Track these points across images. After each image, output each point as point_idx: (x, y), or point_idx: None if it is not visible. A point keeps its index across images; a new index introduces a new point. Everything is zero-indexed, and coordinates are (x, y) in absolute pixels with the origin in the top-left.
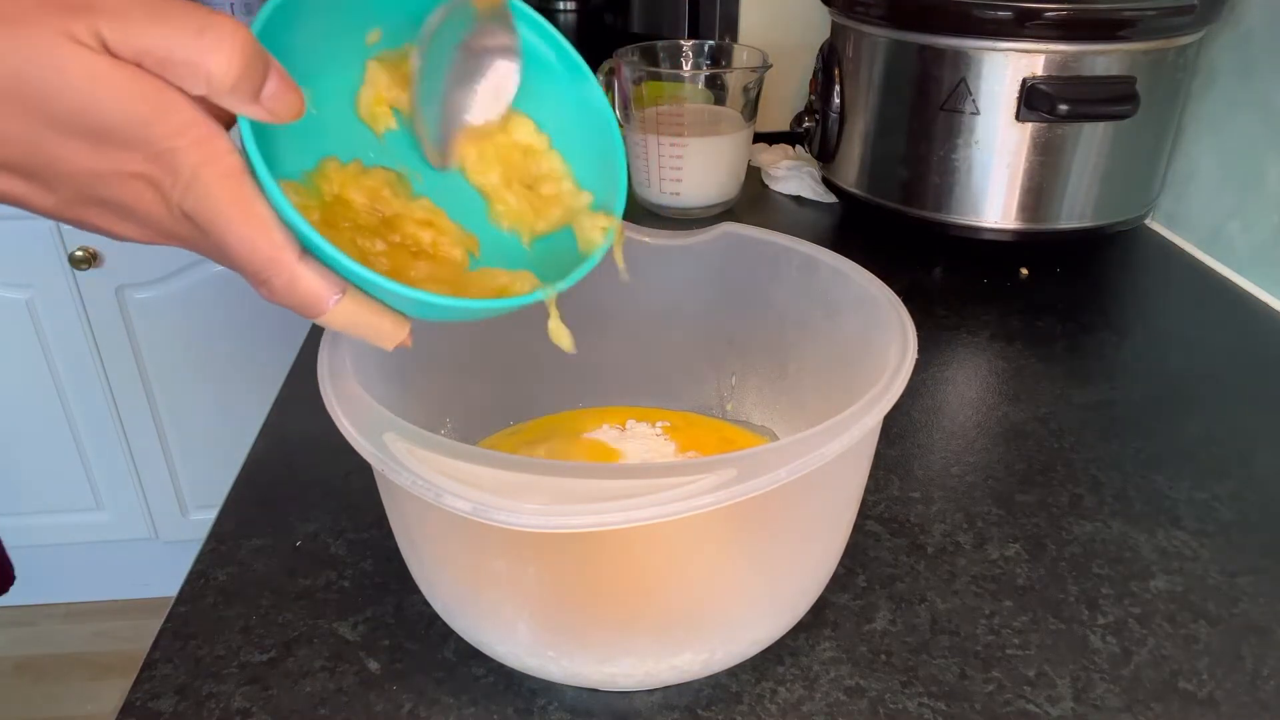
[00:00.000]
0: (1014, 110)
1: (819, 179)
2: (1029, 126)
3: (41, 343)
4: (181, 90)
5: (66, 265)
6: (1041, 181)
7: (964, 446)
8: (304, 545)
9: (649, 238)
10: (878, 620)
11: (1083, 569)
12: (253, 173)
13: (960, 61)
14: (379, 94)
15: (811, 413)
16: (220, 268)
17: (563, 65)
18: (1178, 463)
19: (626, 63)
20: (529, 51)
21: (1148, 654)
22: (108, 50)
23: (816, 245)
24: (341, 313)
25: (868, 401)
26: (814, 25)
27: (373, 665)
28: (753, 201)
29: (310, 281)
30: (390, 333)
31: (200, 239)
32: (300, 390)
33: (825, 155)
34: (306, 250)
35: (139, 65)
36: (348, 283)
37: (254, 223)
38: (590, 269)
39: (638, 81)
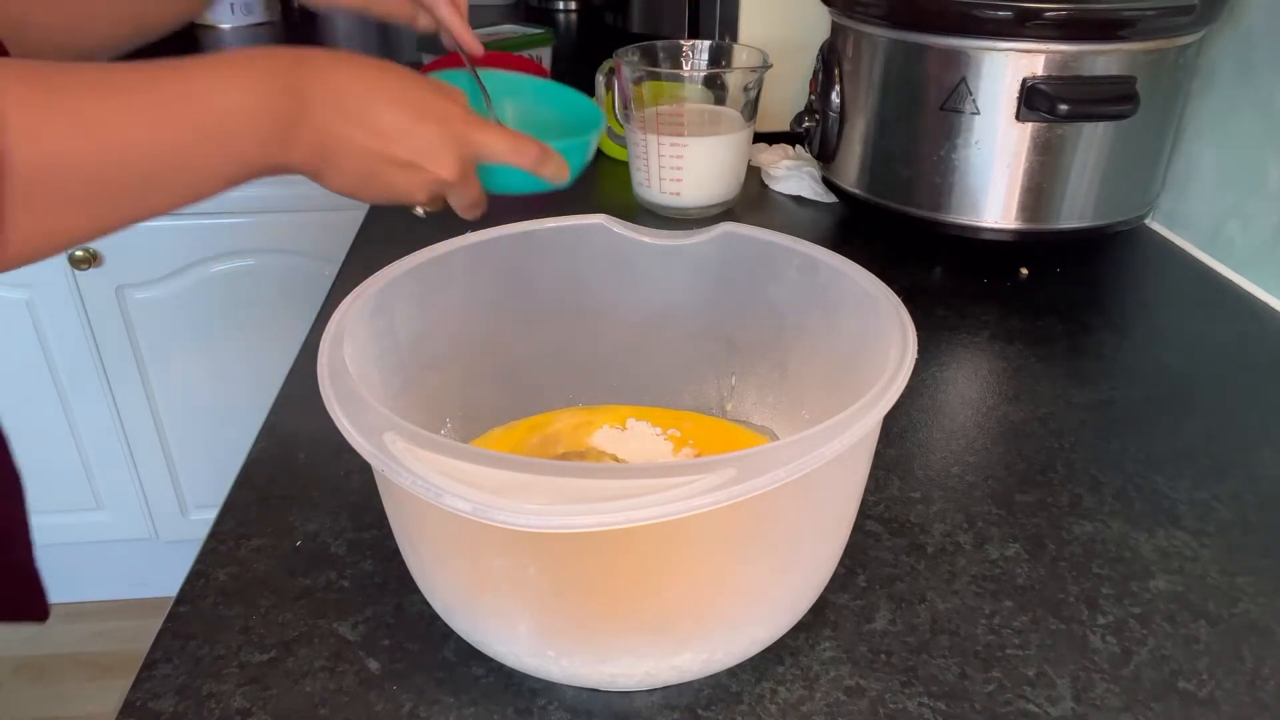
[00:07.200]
0: (1014, 110)
1: (819, 179)
2: (1029, 126)
3: (41, 343)
4: None
5: (66, 265)
6: (1041, 181)
7: (964, 446)
8: (304, 545)
9: (649, 238)
10: (878, 620)
11: (1083, 569)
12: None
13: (960, 61)
14: None
15: (811, 413)
16: (219, 267)
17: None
18: (1178, 463)
19: (626, 63)
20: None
21: (1148, 654)
22: None
23: (816, 245)
24: None
25: (868, 401)
26: (814, 25)
27: (373, 665)
28: (753, 201)
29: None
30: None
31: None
32: (300, 390)
33: (825, 155)
34: None
35: None
36: None
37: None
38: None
39: (638, 81)
